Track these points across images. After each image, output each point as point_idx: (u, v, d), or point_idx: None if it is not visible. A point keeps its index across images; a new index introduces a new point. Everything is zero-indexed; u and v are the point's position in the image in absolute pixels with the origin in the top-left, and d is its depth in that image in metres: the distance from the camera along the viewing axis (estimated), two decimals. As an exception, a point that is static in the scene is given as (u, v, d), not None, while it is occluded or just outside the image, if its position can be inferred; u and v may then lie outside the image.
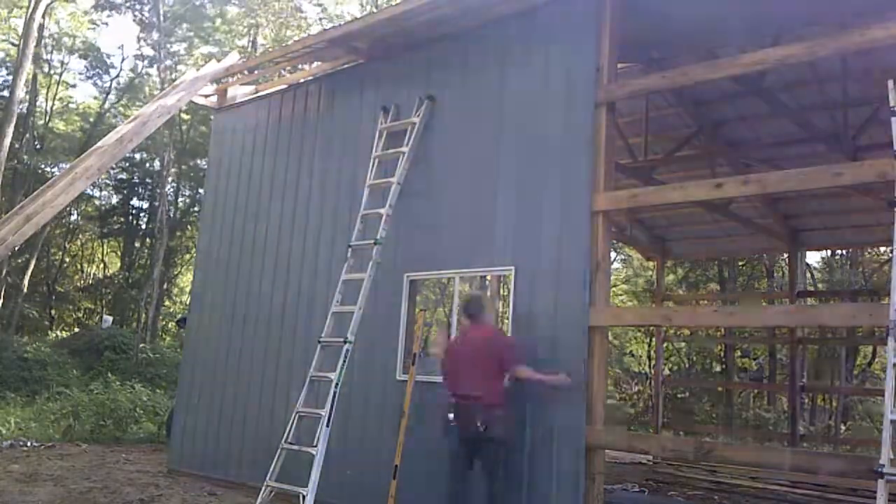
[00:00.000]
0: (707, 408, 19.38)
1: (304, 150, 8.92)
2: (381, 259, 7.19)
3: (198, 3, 26.78)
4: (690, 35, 8.37)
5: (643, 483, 9.25)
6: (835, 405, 20.62)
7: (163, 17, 23.58)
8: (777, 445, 14.53)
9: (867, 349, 21.76)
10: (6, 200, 22.33)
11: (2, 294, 22.45)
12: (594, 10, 6.47)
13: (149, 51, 26.19)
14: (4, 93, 23.64)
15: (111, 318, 24.22)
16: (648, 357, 23.03)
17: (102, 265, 31.45)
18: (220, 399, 9.15)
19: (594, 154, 6.21)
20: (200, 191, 23.92)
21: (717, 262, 21.84)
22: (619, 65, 6.94)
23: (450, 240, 7.10)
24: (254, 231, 9.31)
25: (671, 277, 21.99)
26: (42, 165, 25.04)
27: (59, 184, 8.29)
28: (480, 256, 6.84)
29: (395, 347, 7.25)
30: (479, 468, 5.83)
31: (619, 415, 18.78)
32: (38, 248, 24.17)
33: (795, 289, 13.19)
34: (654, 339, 16.24)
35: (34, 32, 21.06)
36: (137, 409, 13.47)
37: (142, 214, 29.97)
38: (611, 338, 18.94)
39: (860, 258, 21.93)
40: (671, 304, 17.10)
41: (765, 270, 22.90)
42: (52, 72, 27.20)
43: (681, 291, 22.12)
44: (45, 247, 26.28)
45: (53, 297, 27.37)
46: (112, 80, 28.69)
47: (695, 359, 23.03)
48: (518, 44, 7.02)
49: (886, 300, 4.57)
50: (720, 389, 20.45)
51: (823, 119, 9.84)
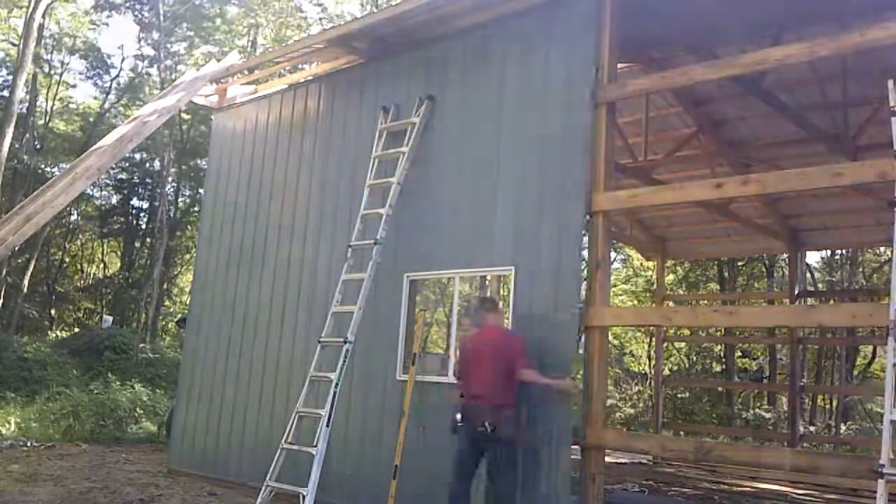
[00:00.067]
0: (707, 408, 19.35)
1: (304, 150, 8.92)
2: (381, 259, 7.20)
3: (198, 3, 26.76)
4: (690, 35, 8.38)
5: (643, 483, 9.24)
6: (835, 405, 20.63)
7: (163, 17, 23.56)
8: (777, 445, 14.54)
9: (867, 349, 21.77)
10: (6, 200, 22.31)
11: (2, 294, 22.44)
12: (594, 10, 6.48)
13: (149, 51, 26.18)
14: (4, 93, 23.62)
15: (111, 318, 24.19)
16: (648, 357, 23.02)
17: (102, 265, 31.42)
18: (220, 399, 9.16)
19: (594, 154, 6.22)
20: (200, 191, 23.90)
21: (717, 262, 21.82)
22: (619, 65, 6.95)
23: (450, 240, 7.10)
24: (254, 231, 9.31)
25: (671, 277, 21.97)
26: (42, 165, 25.00)
27: (59, 184, 8.31)
28: (480, 256, 6.85)
29: (395, 347, 7.25)
30: (486, 468, 5.82)
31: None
32: (38, 248, 24.15)
33: (795, 289, 13.17)
34: (654, 339, 16.22)
35: (34, 32, 21.02)
36: (137, 409, 13.48)
37: (142, 214, 29.95)
38: (611, 338, 18.93)
39: (860, 258, 21.93)
40: (671, 304, 17.11)
41: (765, 270, 22.90)
42: (52, 72, 27.16)
43: (681, 291, 22.10)
44: (45, 247, 26.26)
45: (53, 297, 27.35)
46: (112, 80, 28.67)
47: (695, 359, 23.01)
48: (518, 44, 7.03)
49: (886, 300, 4.58)
50: (720, 389, 20.43)
51: (823, 119, 9.85)
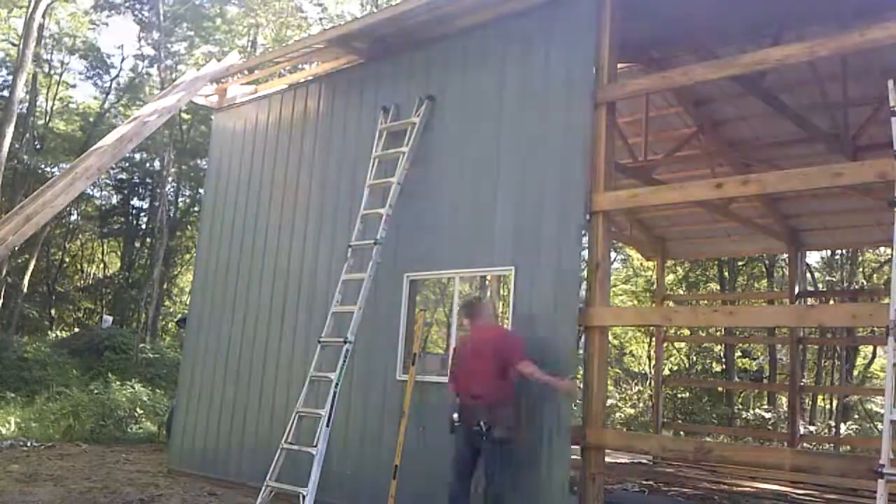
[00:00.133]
0: (707, 408, 19.36)
1: (304, 150, 8.92)
2: (381, 259, 7.19)
3: (198, 3, 26.76)
4: (690, 35, 8.38)
5: (643, 483, 9.24)
6: (835, 405, 20.64)
7: (163, 17, 23.56)
8: (777, 445, 14.54)
9: (867, 349, 21.77)
10: (6, 200, 22.30)
11: (2, 294, 22.43)
12: (594, 10, 6.48)
13: (149, 51, 26.18)
14: (4, 93, 23.62)
15: (111, 318, 24.19)
16: (648, 357, 23.02)
17: (102, 265, 31.41)
18: (220, 399, 9.16)
19: (594, 154, 6.22)
20: (200, 191, 23.89)
21: (717, 262, 21.83)
22: (619, 65, 6.95)
23: (450, 240, 7.10)
24: (254, 231, 9.31)
25: (671, 277, 21.97)
26: (42, 165, 24.98)
27: (59, 184, 8.31)
28: (480, 256, 6.85)
29: (395, 347, 7.25)
30: (481, 468, 5.81)
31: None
32: (38, 248, 24.14)
33: (795, 289, 13.17)
34: (654, 339, 16.22)
35: (34, 32, 21.02)
36: (137, 409, 13.48)
37: (142, 214, 29.95)
38: (611, 338, 18.94)
39: (860, 258, 21.94)
40: (671, 304, 17.11)
41: (765, 270, 22.91)
42: (52, 72, 27.16)
43: (681, 291, 22.11)
44: (45, 247, 26.25)
45: (53, 297, 27.34)
46: (112, 80, 28.66)
47: (695, 359, 23.02)
48: (518, 44, 7.02)
49: (886, 300, 4.58)
50: (720, 389, 20.44)
51: (823, 119, 9.84)
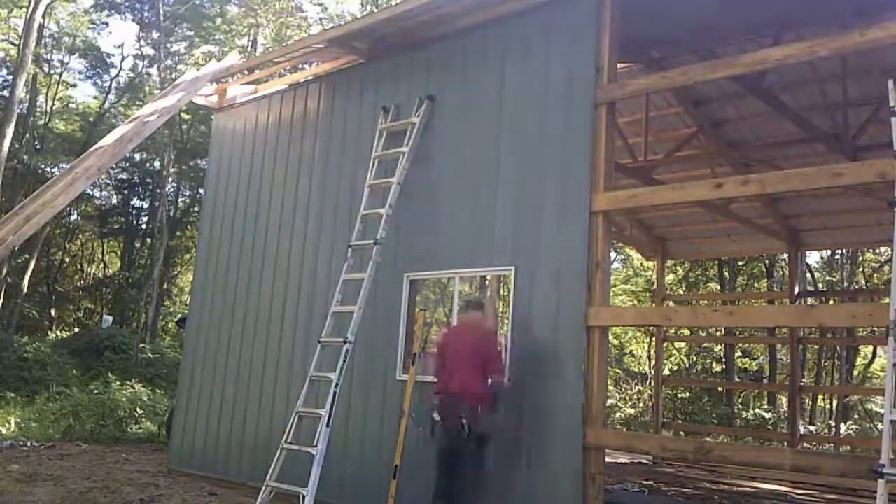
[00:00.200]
0: (707, 408, 19.36)
1: (304, 150, 8.92)
2: (381, 259, 7.19)
3: (198, 3, 26.76)
4: (690, 35, 8.37)
5: (643, 483, 9.23)
6: (835, 405, 20.63)
7: (163, 17, 23.57)
8: (777, 445, 14.53)
9: (867, 349, 21.77)
10: (6, 200, 22.31)
11: (2, 294, 22.43)
12: (594, 10, 6.47)
13: (149, 50, 26.19)
14: (4, 93, 23.62)
15: (111, 318, 24.20)
16: (648, 357, 23.02)
17: (102, 265, 31.41)
18: (220, 399, 9.16)
19: (594, 154, 6.22)
20: (200, 191, 23.90)
21: (717, 262, 21.83)
22: (619, 65, 6.94)
23: (450, 240, 7.10)
24: (254, 231, 9.31)
25: (671, 277, 21.97)
26: (42, 165, 24.99)
27: (59, 184, 8.30)
28: (480, 256, 6.85)
29: (395, 347, 7.25)
30: (460, 463, 5.92)
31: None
32: (38, 248, 24.15)
33: (795, 289, 13.17)
34: (654, 339, 16.21)
35: (34, 32, 21.04)
36: (137, 409, 13.47)
37: (142, 214, 29.98)
38: (611, 338, 18.93)
39: (860, 258, 21.94)
40: (671, 304, 17.11)
41: (765, 270, 22.91)
42: (52, 72, 27.16)
43: (681, 291, 22.11)
44: (45, 247, 26.26)
45: (53, 297, 27.34)
46: (112, 80, 28.69)
47: (695, 359, 23.02)
48: (518, 44, 7.02)
49: (886, 300, 4.58)
50: (720, 389, 20.44)
51: (823, 119, 9.84)
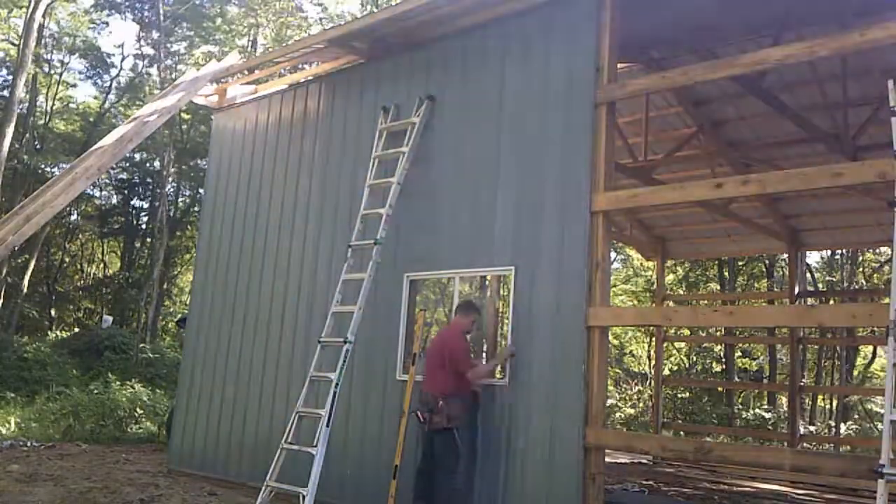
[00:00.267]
0: (707, 408, 19.36)
1: (304, 150, 8.92)
2: (381, 259, 7.19)
3: (198, 3, 26.76)
4: (690, 35, 8.37)
5: (643, 483, 9.23)
6: (835, 405, 20.63)
7: (163, 17, 23.57)
8: (777, 445, 14.53)
9: (867, 349, 21.77)
10: (6, 200, 22.31)
11: (2, 294, 22.44)
12: (594, 10, 6.47)
13: (149, 50, 26.20)
14: (4, 93, 23.63)
15: (111, 318, 24.21)
16: (648, 357, 23.02)
17: (102, 265, 31.42)
18: (220, 399, 9.15)
19: (594, 154, 6.22)
20: (200, 191, 23.91)
21: (717, 262, 21.83)
22: (619, 65, 6.94)
23: (450, 240, 7.10)
24: (254, 231, 9.31)
25: (671, 277, 21.97)
26: (42, 165, 24.99)
27: (59, 184, 8.30)
28: (480, 256, 6.85)
29: (395, 347, 7.25)
30: (439, 463, 6.05)
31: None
32: (38, 248, 24.16)
33: (795, 289, 13.16)
34: (654, 339, 16.21)
35: (34, 32, 21.04)
36: (137, 409, 13.47)
37: (142, 214, 29.99)
38: (611, 338, 18.94)
39: (860, 258, 21.94)
40: (671, 304, 17.11)
41: (765, 270, 22.91)
42: (52, 72, 27.16)
43: (681, 291, 22.11)
44: (45, 247, 26.27)
45: (53, 297, 27.35)
46: (112, 80, 28.71)
47: (695, 359, 23.02)
48: (518, 44, 7.02)
49: (886, 300, 4.58)
50: (720, 389, 20.44)
51: (823, 119, 9.84)
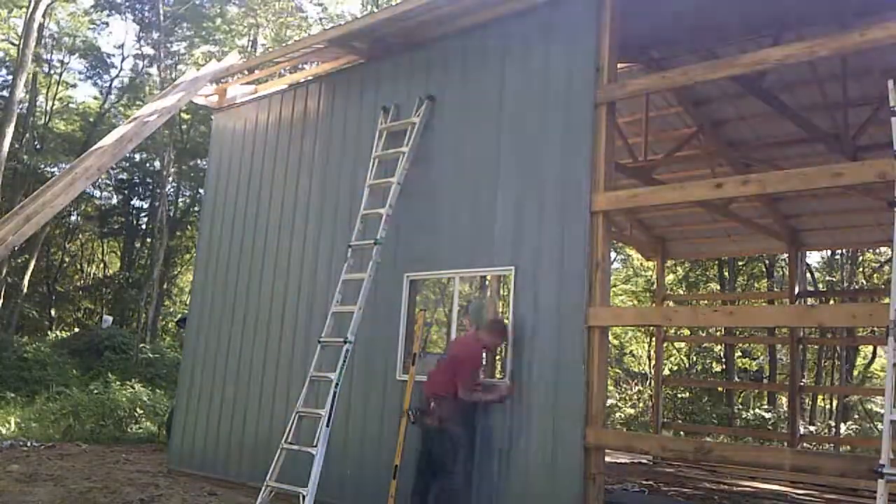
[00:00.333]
0: (707, 408, 19.36)
1: (304, 150, 8.92)
2: (381, 259, 7.19)
3: (198, 3, 26.77)
4: (690, 35, 8.37)
5: (643, 483, 9.23)
6: (835, 405, 20.64)
7: (163, 17, 23.57)
8: (777, 445, 14.53)
9: (867, 349, 21.77)
10: (6, 200, 22.31)
11: (2, 294, 22.44)
12: (594, 10, 6.47)
13: (149, 50, 26.20)
14: (4, 93, 23.64)
15: (111, 318, 24.22)
16: (648, 357, 23.02)
17: (102, 265, 31.43)
18: (220, 399, 9.15)
19: (594, 154, 6.22)
20: (200, 191, 23.92)
21: (717, 262, 21.83)
22: (619, 65, 6.94)
23: (450, 240, 7.10)
24: (254, 231, 9.31)
25: (671, 277, 21.97)
26: (42, 165, 25.00)
27: (59, 184, 8.30)
28: (480, 256, 6.84)
29: (395, 347, 7.25)
30: (435, 463, 6.07)
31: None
32: (38, 248, 24.17)
33: (795, 289, 13.16)
34: (654, 339, 16.22)
35: (34, 32, 21.04)
36: (137, 409, 13.48)
37: (142, 214, 30.00)
38: (611, 338, 18.94)
39: (860, 258, 21.94)
40: (671, 304, 17.11)
41: (765, 270, 22.91)
42: (52, 72, 27.17)
43: (681, 291, 22.11)
44: (45, 247, 26.28)
45: (53, 297, 27.35)
46: (112, 80, 28.73)
47: (695, 359, 23.02)
48: (518, 44, 7.02)
49: (886, 300, 4.58)
50: (720, 389, 20.44)
51: (823, 119, 9.84)
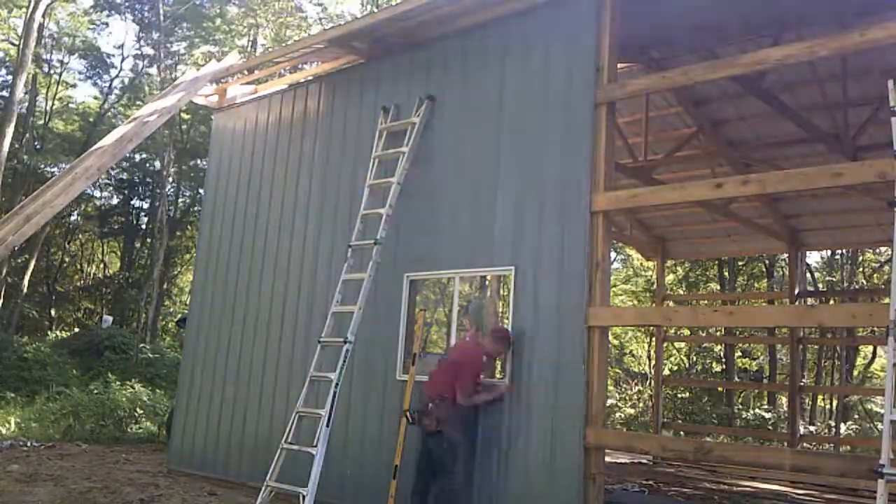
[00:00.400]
0: (707, 408, 19.36)
1: (304, 150, 8.92)
2: (381, 259, 7.19)
3: (198, 3, 26.76)
4: (690, 35, 8.37)
5: (643, 483, 9.23)
6: (835, 405, 20.64)
7: (163, 17, 23.57)
8: (777, 445, 14.53)
9: (867, 349, 21.77)
10: (6, 200, 22.32)
11: (2, 294, 22.44)
12: (594, 10, 6.47)
13: (149, 50, 26.20)
14: (4, 93, 23.64)
15: (111, 318, 24.21)
16: (648, 357, 23.02)
17: (102, 265, 31.43)
18: (220, 399, 9.15)
19: (594, 154, 6.22)
20: (200, 191, 23.92)
21: (717, 262, 21.83)
22: (619, 65, 6.94)
23: (450, 240, 7.10)
24: (254, 231, 9.31)
25: (671, 277, 21.97)
26: (42, 165, 25.00)
27: (59, 184, 8.30)
28: (480, 256, 6.85)
29: (395, 347, 7.26)
30: (435, 463, 6.08)
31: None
32: (38, 248, 24.16)
33: (795, 289, 13.16)
34: (654, 339, 16.22)
35: (34, 32, 21.04)
36: (137, 409, 13.48)
37: (142, 214, 29.99)
38: (611, 338, 18.93)
39: (860, 258, 21.94)
40: (671, 304, 17.11)
41: (765, 270, 22.91)
42: (52, 72, 27.16)
43: (681, 291, 22.11)
44: (45, 247, 26.27)
45: (53, 297, 27.35)
46: (112, 80, 28.73)
47: (695, 359, 23.02)
48: (518, 44, 7.02)
49: (886, 300, 4.58)
50: (720, 389, 20.44)
51: (823, 119, 9.84)
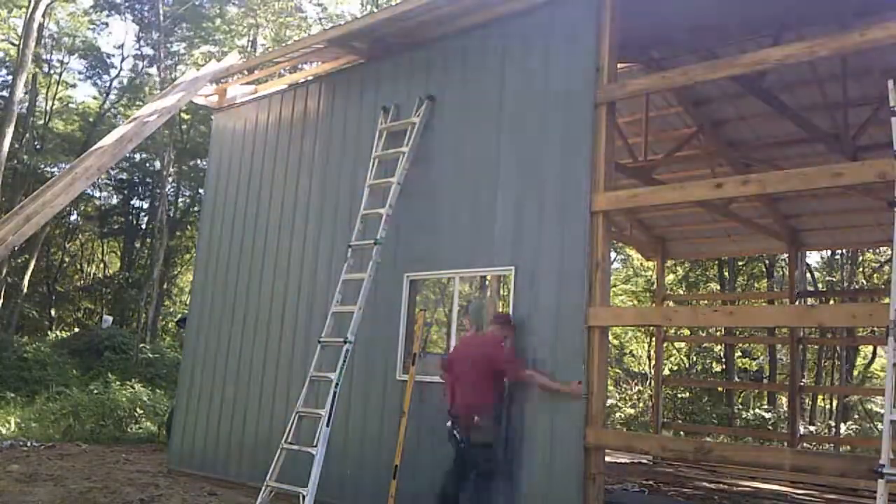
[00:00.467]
0: (707, 408, 19.37)
1: (304, 150, 8.92)
2: (381, 259, 7.19)
3: (198, 3, 26.75)
4: (690, 35, 8.37)
5: (643, 483, 9.23)
6: (835, 405, 20.64)
7: (162, 17, 23.57)
8: (777, 445, 14.53)
9: (867, 349, 21.77)
10: (6, 200, 22.32)
11: (2, 294, 22.44)
12: (594, 10, 6.47)
13: (149, 50, 26.21)
14: (4, 93, 23.64)
15: (111, 318, 24.21)
16: (648, 357, 23.02)
17: (102, 265, 31.43)
18: (220, 399, 9.15)
19: (594, 154, 6.22)
20: (200, 191, 23.92)
21: (717, 262, 21.84)
22: (619, 65, 6.94)
23: (450, 240, 7.10)
24: (254, 231, 9.31)
25: (671, 277, 21.97)
26: (42, 165, 24.99)
27: (59, 184, 8.30)
28: (480, 256, 6.85)
29: (395, 347, 7.26)
30: (472, 474, 6.01)
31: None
32: (38, 248, 24.16)
33: (795, 289, 13.16)
34: (654, 339, 16.22)
35: (34, 32, 21.03)
36: (137, 409, 13.48)
37: (142, 214, 29.99)
38: (611, 338, 18.93)
39: (860, 258, 21.94)
40: (671, 304, 17.11)
41: (765, 270, 22.91)
42: (52, 72, 27.16)
43: (681, 291, 22.11)
44: (45, 247, 26.27)
45: (53, 297, 27.34)
46: (112, 80, 28.72)
47: (695, 359, 23.02)
48: (518, 44, 7.02)
49: (886, 300, 4.58)
50: (720, 389, 20.45)
51: (823, 119, 9.84)
